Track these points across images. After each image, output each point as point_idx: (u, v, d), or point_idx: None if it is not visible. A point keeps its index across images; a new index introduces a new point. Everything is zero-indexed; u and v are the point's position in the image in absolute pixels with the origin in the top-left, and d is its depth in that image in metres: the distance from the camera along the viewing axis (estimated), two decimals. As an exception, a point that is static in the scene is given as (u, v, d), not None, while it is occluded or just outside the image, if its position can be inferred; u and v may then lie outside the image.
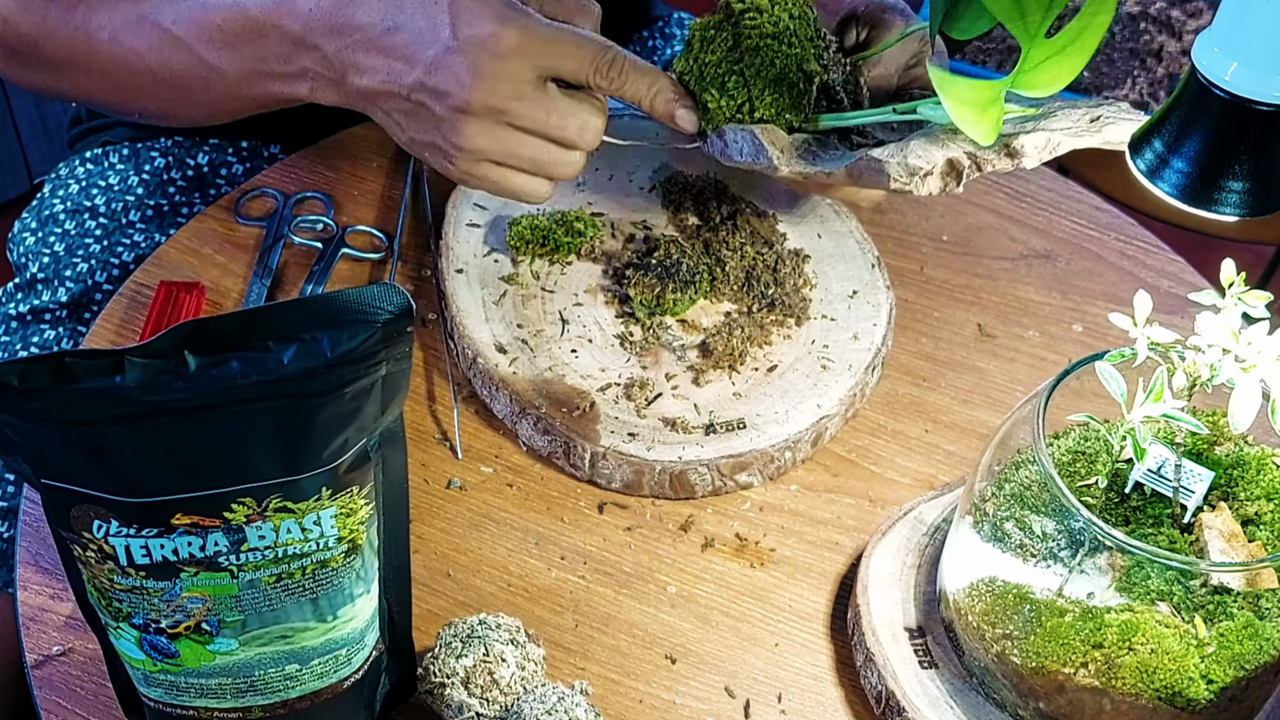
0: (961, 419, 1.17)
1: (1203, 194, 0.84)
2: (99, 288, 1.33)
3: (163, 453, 0.77)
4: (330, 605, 0.86)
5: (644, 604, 1.04)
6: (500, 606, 1.02)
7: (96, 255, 1.35)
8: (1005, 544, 0.92)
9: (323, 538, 0.83)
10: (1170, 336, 0.90)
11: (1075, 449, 0.96)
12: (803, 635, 1.03)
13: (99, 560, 0.81)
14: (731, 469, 1.08)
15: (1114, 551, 0.88)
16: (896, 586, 1.02)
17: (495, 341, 1.13)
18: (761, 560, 1.07)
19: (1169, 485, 0.93)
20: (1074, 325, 1.25)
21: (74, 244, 1.36)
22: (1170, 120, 0.85)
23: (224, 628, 0.84)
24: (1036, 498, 0.91)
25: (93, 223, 1.37)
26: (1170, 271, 1.30)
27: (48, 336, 1.31)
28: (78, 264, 1.34)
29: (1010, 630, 0.91)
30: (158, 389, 0.75)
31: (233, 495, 0.79)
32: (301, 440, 0.79)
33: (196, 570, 0.81)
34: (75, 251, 1.35)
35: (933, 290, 1.27)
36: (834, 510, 1.10)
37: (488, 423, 1.13)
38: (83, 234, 1.36)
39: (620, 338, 1.15)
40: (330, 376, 0.78)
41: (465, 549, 1.06)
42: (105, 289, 1.33)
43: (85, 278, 1.34)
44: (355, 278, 1.22)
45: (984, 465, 0.95)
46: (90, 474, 0.77)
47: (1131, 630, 0.87)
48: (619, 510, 1.09)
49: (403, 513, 0.89)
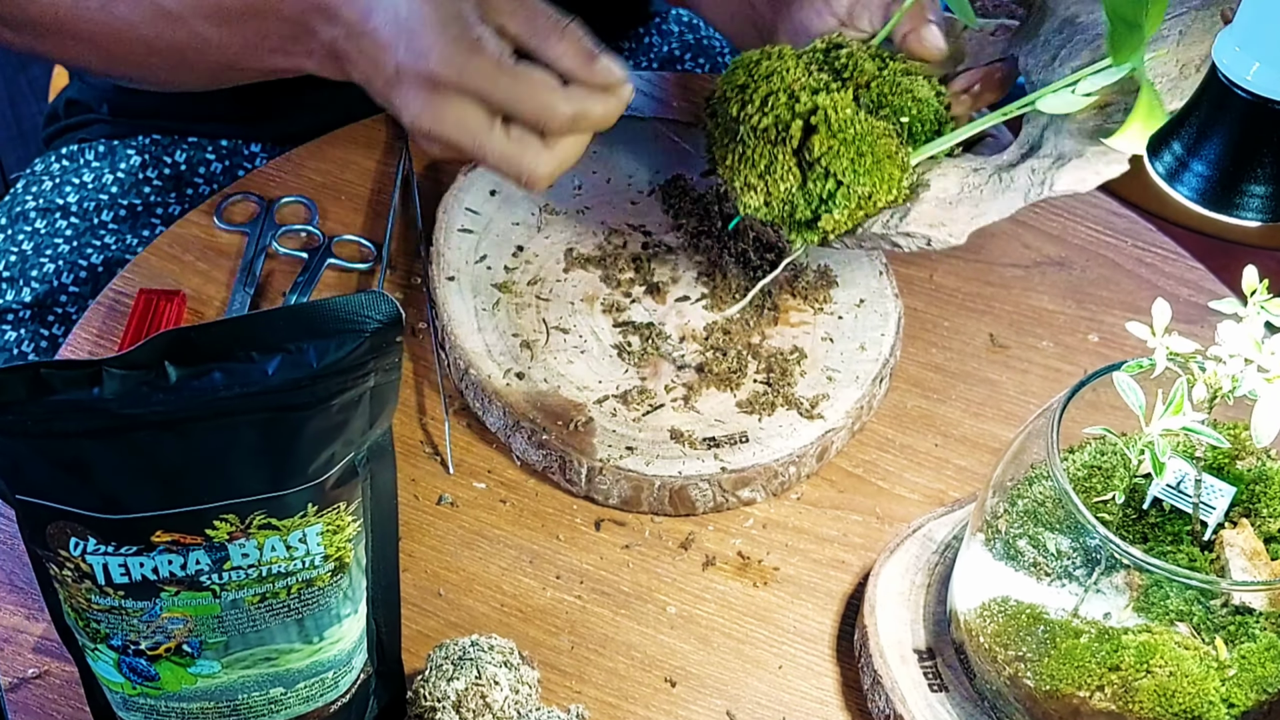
0: (973, 432, 1.17)
1: (1224, 198, 0.84)
2: (64, 289, 1.34)
3: (142, 467, 0.77)
4: (316, 626, 0.86)
5: (643, 625, 1.04)
6: (493, 627, 1.02)
7: (64, 256, 1.35)
8: (1018, 562, 0.92)
9: (308, 556, 0.83)
10: (1190, 346, 0.90)
11: (1091, 463, 0.96)
12: (807, 657, 1.03)
13: (76, 579, 0.81)
14: (734, 484, 1.08)
15: (1131, 570, 0.88)
16: (905, 607, 1.02)
17: (488, 351, 1.13)
18: (765, 579, 1.07)
19: (1189, 501, 0.93)
20: (1090, 335, 1.25)
21: (42, 243, 1.36)
22: (1190, 122, 0.85)
23: (206, 649, 0.84)
24: (1051, 514, 0.92)
25: (63, 222, 1.37)
26: (1190, 279, 1.30)
27: (8, 338, 1.31)
28: (44, 264, 1.35)
29: (1023, 652, 0.92)
30: (137, 401, 0.75)
31: (215, 512, 0.79)
32: (286, 455, 0.79)
33: (177, 590, 0.81)
34: (43, 251, 1.36)
35: (943, 299, 1.27)
36: (840, 527, 1.10)
37: (480, 436, 1.13)
38: (52, 233, 1.37)
39: (618, 348, 1.15)
40: (316, 388, 0.78)
41: (457, 567, 1.06)
42: (71, 291, 1.33)
43: (51, 278, 1.34)
44: (342, 286, 1.23)
45: (996, 480, 0.95)
46: (67, 489, 0.78)
47: (1150, 652, 0.87)
48: (617, 527, 1.09)
49: (392, 530, 0.89)
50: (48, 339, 1.31)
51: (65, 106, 1.49)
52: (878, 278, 1.22)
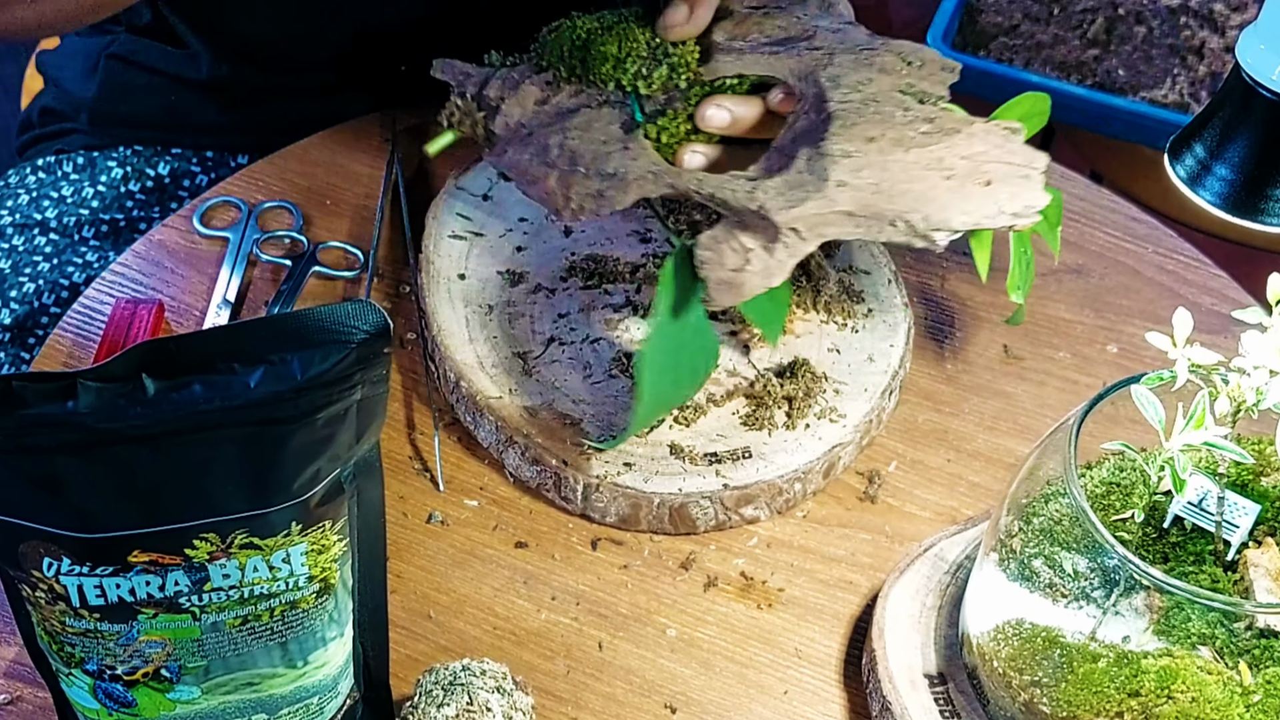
0: (986, 447, 1.17)
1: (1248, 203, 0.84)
2: (46, 310, 1.33)
3: (119, 484, 0.77)
4: (300, 650, 0.86)
5: (641, 648, 1.04)
6: (485, 651, 1.03)
7: (45, 275, 1.35)
8: (1034, 583, 0.92)
9: (292, 577, 0.83)
10: (1213, 358, 0.90)
11: (1110, 480, 0.97)
12: (813, 682, 1.03)
13: (49, 601, 0.81)
14: (736, 502, 1.09)
15: (1152, 591, 0.89)
16: (915, 629, 1.02)
17: (480, 364, 1.14)
18: (769, 601, 1.07)
19: (1211, 519, 0.93)
20: (1108, 346, 1.25)
21: (21, 261, 1.36)
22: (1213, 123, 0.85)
23: (185, 674, 0.84)
24: (1068, 533, 0.92)
25: (43, 239, 1.37)
26: (1213, 287, 1.31)
27: None
28: (24, 284, 1.34)
29: (1039, 677, 0.92)
30: (113, 415, 0.75)
31: (195, 530, 0.79)
32: (269, 471, 0.79)
33: (155, 612, 0.81)
34: (22, 270, 1.35)
35: (955, 308, 1.27)
36: (848, 546, 1.10)
37: (472, 452, 1.14)
38: (31, 251, 1.36)
39: (615, 360, 1.15)
40: (301, 401, 0.78)
41: (447, 588, 1.06)
42: (53, 311, 1.33)
43: (32, 299, 1.34)
44: (327, 296, 1.23)
45: (1011, 498, 0.96)
46: (40, 507, 0.78)
47: (1171, 677, 0.87)
48: (614, 546, 1.09)
49: (379, 549, 0.89)
50: (29, 363, 1.31)
51: (40, 115, 1.49)
52: (886, 286, 1.22)
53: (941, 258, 1.30)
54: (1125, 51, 2.01)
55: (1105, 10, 2.05)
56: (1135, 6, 2.05)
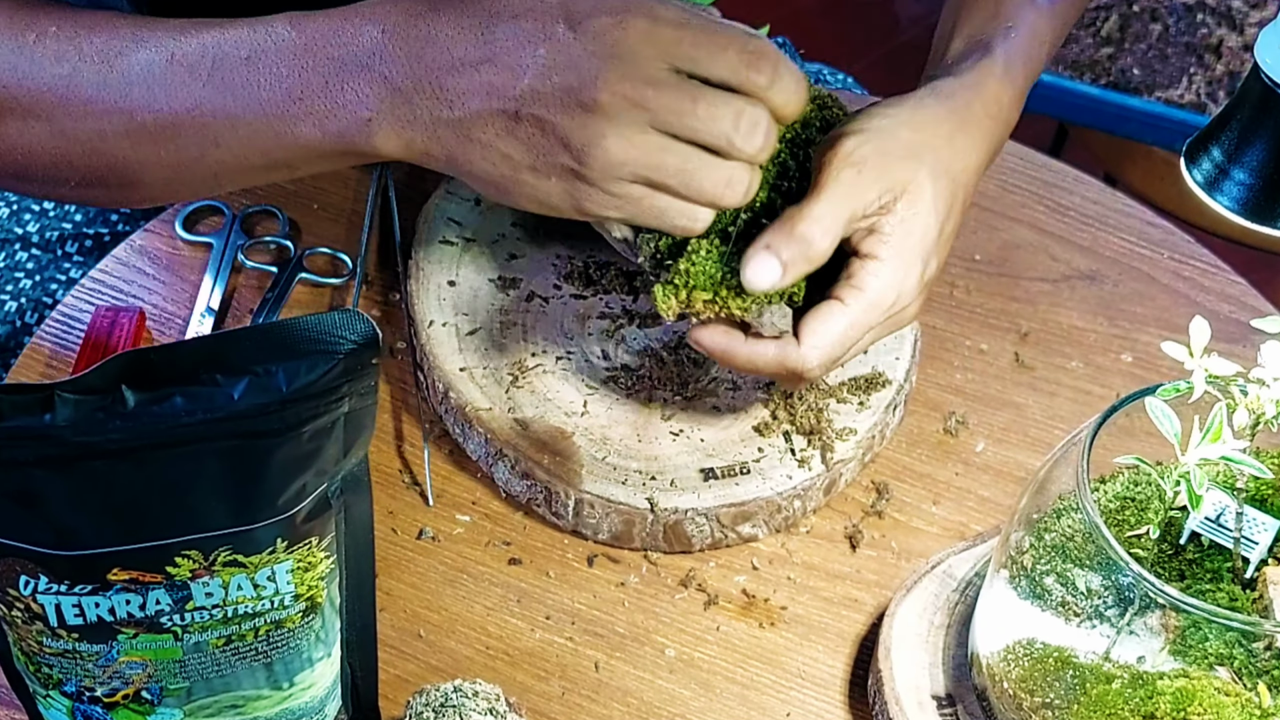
0: (996, 461, 1.17)
1: (1267, 208, 0.84)
2: (29, 329, 1.33)
3: (98, 500, 0.77)
4: (286, 671, 0.86)
5: (639, 669, 1.04)
6: (478, 671, 1.03)
7: (27, 292, 1.34)
8: (1045, 601, 0.92)
9: (278, 595, 0.83)
10: (1231, 368, 0.90)
11: (1124, 495, 0.97)
12: (818, 704, 1.03)
13: (26, 620, 0.81)
14: (733, 520, 1.09)
15: (1167, 610, 0.89)
16: (923, 649, 1.02)
17: (470, 374, 1.14)
18: (771, 619, 1.07)
19: (1229, 536, 0.93)
20: (1123, 355, 1.25)
21: (2, 278, 1.36)
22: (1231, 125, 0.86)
23: (167, 696, 0.84)
24: (1080, 549, 0.92)
25: (24, 254, 1.37)
26: (1231, 295, 1.31)
27: None
28: (5, 302, 1.34)
29: (1051, 699, 0.92)
30: (92, 428, 0.76)
31: (176, 548, 0.79)
32: (254, 485, 0.79)
33: (136, 632, 0.81)
34: (3, 287, 1.35)
35: (964, 316, 1.27)
36: (853, 563, 1.11)
37: (463, 465, 1.14)
38: (12, 267, 1.36)
39: (609, 371, 1.15)
40: (286, 414, 0.78)
41: (438, 607, 1.06)
42: (36, 331, 1.33)
43: (14, 318, 1.33)
44: (314, 304, 1.23)
45: (1021, 513, 0.96)
46: (16, 523, 0.78)
47: (1187, 699, 0.88)
48: (611, 564, 1.09)
49: (368, 567, 0.89)
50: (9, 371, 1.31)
51: None
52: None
53: (950, 266, 1.30)
54: (1140, 50, 2.02)
55: (1119, 7, 2.06)
56: (1150, 3, 2.05)
